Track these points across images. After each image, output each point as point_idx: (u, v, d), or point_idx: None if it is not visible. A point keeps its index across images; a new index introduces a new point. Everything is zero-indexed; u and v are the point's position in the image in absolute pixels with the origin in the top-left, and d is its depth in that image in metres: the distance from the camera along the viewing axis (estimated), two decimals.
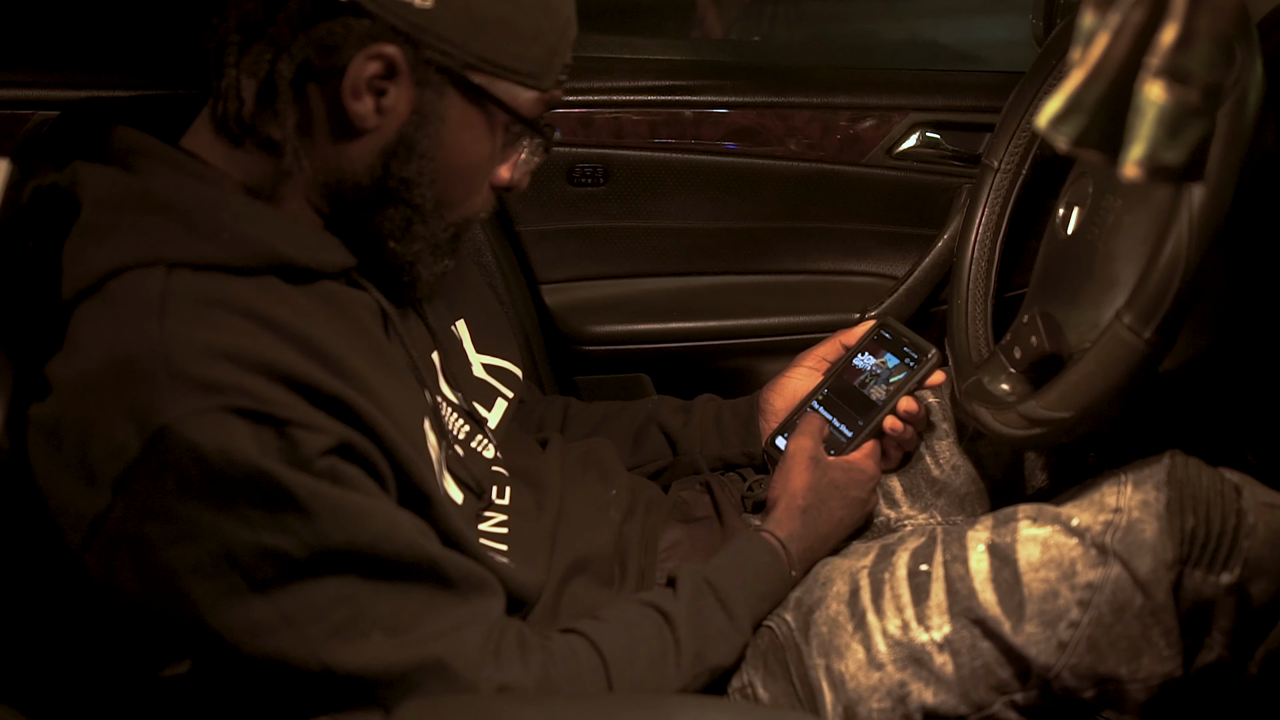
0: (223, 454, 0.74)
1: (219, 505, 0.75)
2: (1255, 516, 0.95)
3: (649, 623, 0.99)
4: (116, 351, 0.76)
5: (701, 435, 1.33)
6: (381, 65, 0.83)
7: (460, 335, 1.11)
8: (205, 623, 0.78)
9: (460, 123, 0.89)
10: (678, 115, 1.62)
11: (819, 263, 1.71)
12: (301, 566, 0.78)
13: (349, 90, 0.83)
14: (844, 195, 1.66)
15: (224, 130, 0.87)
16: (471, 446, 1.04)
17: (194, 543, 0.76)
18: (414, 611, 0.84)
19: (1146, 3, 0.64)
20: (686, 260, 1.69)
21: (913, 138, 1.64)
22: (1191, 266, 0.90)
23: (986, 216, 1.33)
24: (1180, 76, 0.64)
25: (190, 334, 0.76)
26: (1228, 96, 0.91)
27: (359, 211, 0.90)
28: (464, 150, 0.90)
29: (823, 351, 1.33)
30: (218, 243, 0.82)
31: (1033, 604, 0.96)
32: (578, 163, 1.61)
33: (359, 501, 0.80)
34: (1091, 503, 0.99)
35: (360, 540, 0.80)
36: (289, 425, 0.77)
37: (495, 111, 0.90)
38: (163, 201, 0.82)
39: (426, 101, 0.86)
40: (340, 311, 0.89)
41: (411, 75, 0.84)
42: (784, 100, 1.63)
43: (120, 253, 0.79)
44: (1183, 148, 0.66)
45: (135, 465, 0.74)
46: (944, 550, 1.03)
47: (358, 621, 0.80)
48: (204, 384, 0.75)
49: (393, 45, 0.83)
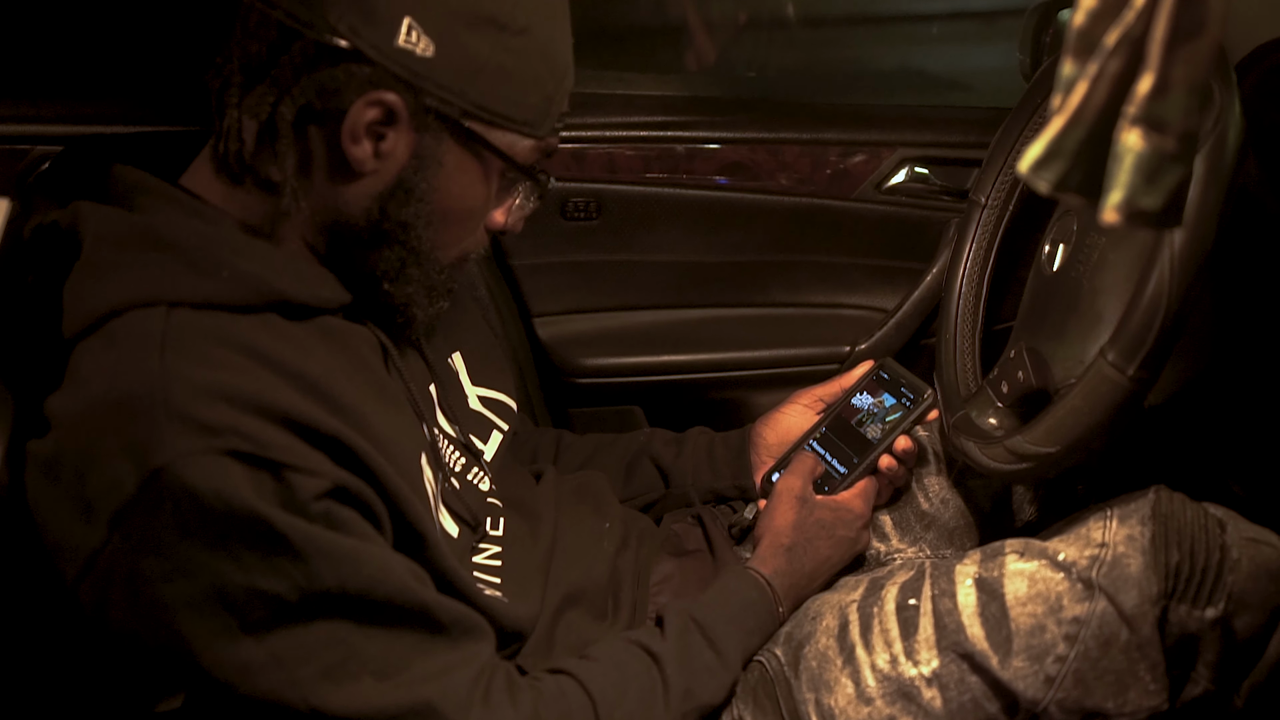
0: (218, 496, 0.75)
1: (213, 546, 0.76)
2: (1239, 551, 0.96)
3: (637, 662, 0.99)
4: (117, 389, 0.77)
5: (693, 467, 1.34)
6: (381, 111, 0.84)
7: (457, 368, 1.12)
8: (196, 660, 0.78)
9: (457, 168, 0.90)
10: (670, 150, 1.64)
11: (809, 296, 1.72)
12: (293, 609, 0.78)
13: (348, 134, 0.85)
14: (834, 229, 1.68)
15: (224, 169, 0.88)
16: (467, 479, 1.05)
17: (187, 581, 0.76)
18: (404, 654, 0.84)
19: (1123, 53, 0.66)
20: (678, 293, 1.71)
21: (901, 173, 1.66)
22: (1174, 304, 0.92)
23: (974, 252, 1.35)
24: (1156, 124, 0.66)
25: (190, 373, 0.77)
26: (1207, 137, 0.93)
27: (355, 252, 0.91)
28: (460, 194, 0.92)
29: (819, 391, 1.34)
30: (218, 281, 0.83)
31: (1020, 638, 0.97)
32: (571, 197, 1.63)
33: (353, 546, 0.81)
34: (1078, 537, 1.00)
35: (353, 584, 0.80)
36: (285, 468, 0.77)
37: (491, 158, 0.91)
38: (164, 239, 0.83)
39: (424, 147, 0.87)
40: (340, 346, 0.90)
41: (410, 121, 0.85)
42: (775, 136, 1.64)
43: (122, 291, 0.80)
44: (1160, 193, 0.67)
45: (131, 503, 0.75)
46: (932, 584, 1.04)
47: (348, 663, 0.81)
48: (202, 425, 0.75)
49: (393, 92, 0.84)
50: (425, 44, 0.83)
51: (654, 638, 1.02)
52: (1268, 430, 1.18)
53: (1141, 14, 0.65)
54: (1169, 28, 0.64)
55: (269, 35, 0.84)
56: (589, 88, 1.68)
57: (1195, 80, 0.64)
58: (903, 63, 3.21)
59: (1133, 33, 0.66)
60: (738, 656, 1.05)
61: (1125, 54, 0.66)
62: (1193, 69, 0.64)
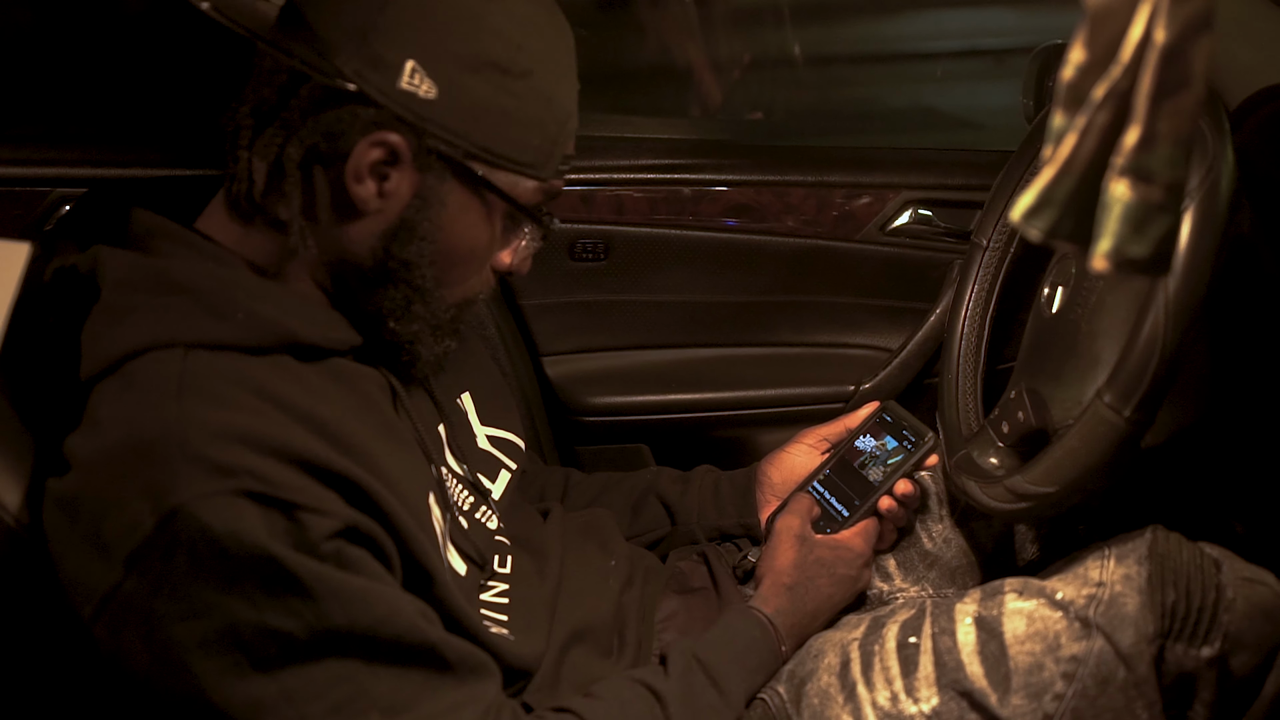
0: (232, 536, 0.76)
1: (226, 585, 0.77)
2: (1234, 591, 0.97)
3: (641, 701, 1.00)
4: (135, 431, 0.79)
5: (699, 505, 1.36)
6: (385, 151, 0.87)
7: (465, 408, 1.14)
8: (208, 698, 0.79)
9: (460, 208, 0.92)
10: (677, 192, 1.67)
11: (815, 335, 1.74)
12: (304, 647, 0.80)
13: (352, 174, 0.87)
14: (839, 270, 1.70)
15: (235, 209, 0.91)
16: (475, 517, 1.06)
17: (200, 620, 0.78)
18: (412, 693, 0.85)
19: (1110, 106, 0.68)
20: (685, 333, 1.73)
21: (905, 214, 1.68)
22: (1169, 347, 0.94)
23: (976, 293, 1.37)
24: (1143, 176, 0.68)
25: (206, 416, 0.79)
26: (1201, 185, 0.95)
27: (361, 290, 0.93)
28: (463, 234, 0.94)
29: (824, 431, 1.36)
30: (233, 323, 0.85)
31: (1018, 676, 0.98)
32: (579, 238, 1.65)
33: (362, 585, 0.82)
34: (1076, 576, 1.02)
35: (362, 623, 0.82)
36: (298, 509, 0.79)
37: (494, 199, 0.93)
38: (179, 283, 0.85)
39: (428, 187, 0.89)
40: (350, 388, 0.92)
41: (414, 162, 0.88)
42: (780, 179, 1.67)
43: (139, 334, 0.82)
44: (1148, 242, 0.69)
45: (148, 543, 0.76)
46: (932, 623, 1.05)
47: (356, 701, 0.82)
48: (218, 467, 0.77)
49: (396, 133, 0.86)
50: (428, 86, 0.86)
51: (658, 676, 1.03)
52: (1263, 473, 1.19)
53: (1128, 69, 0.67)
54: (1154, 83, 0.66)
55: (279, 80, 0.87)
56: (597, 131, 1.72)
57: (1181, 133, 0.66)
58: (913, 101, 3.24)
59: (1119, 87, 0.68)
60: (741, 695, 1.06)
61: (1112, 107, 0.68)
62: (1178, 122, 0.66)
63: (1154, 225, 0.68)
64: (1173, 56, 0.66)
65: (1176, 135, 0.67)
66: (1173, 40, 0.66)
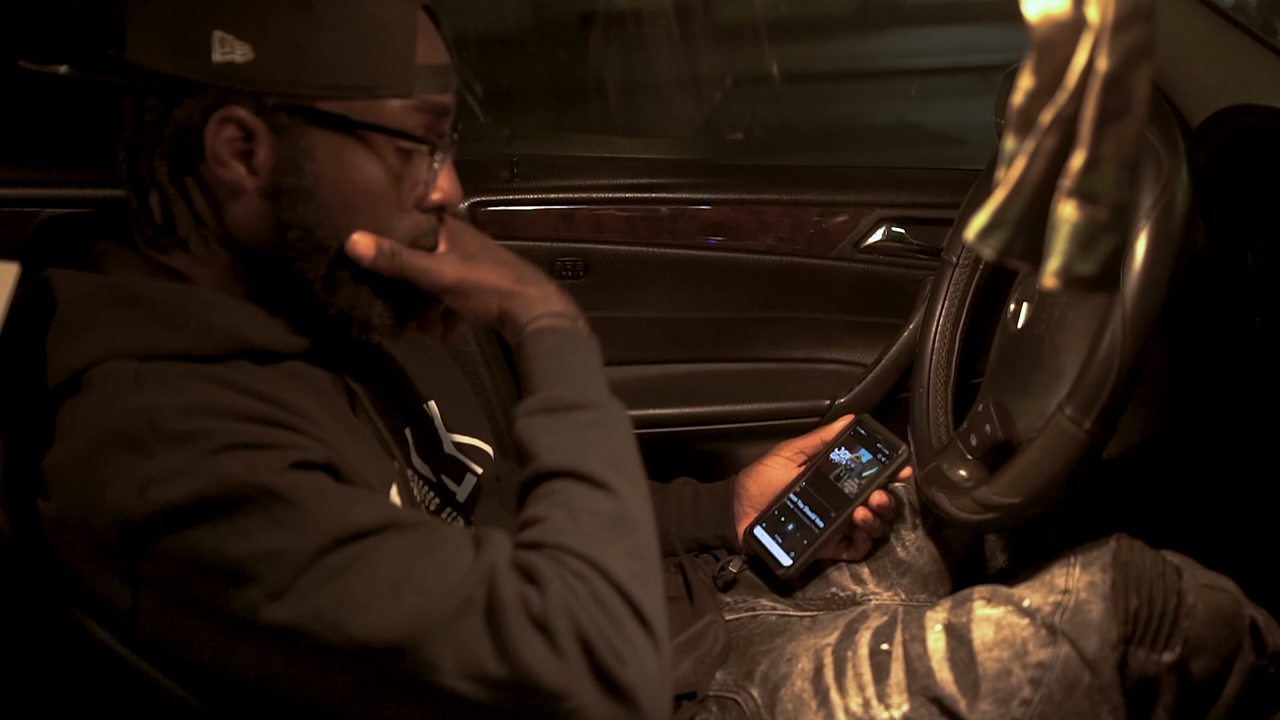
0: (210, 484, 0.77)
1: (218, 531, 0.78)
2: (1194, 597, 1.00)
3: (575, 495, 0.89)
4: (105, 427, 0.80)
5: (678, 516, 1.38)
6: (234, 127, 0.86)
7: (432, 414, 1.15)
8: (246, 645, 0.80)
9: (333, 155, 0.89)
10: (655, 211, 1.70)
11: (791, 351, 1.77)
12: (308, 556, 0.79)
13: (214, 161, 0.87)
14: (814, 287, 1.73)
15: (152, 245, 0.93)
16: (441, 518, 1.07)
17: (210, 576, 0.78)
18: (422, 554, 0.82)
19: (1057, 131, 0.72)
20: (664, 348, 1.76)
21: (879, 232, 1.71)
22: (1127, 360, 0.97)
23: (946, 309, 1.40)
24: (1089, 197, 0.71)
25: (169, 399, 0.81)
26: (1157, 203, 0.98)
27: (282, 274, 0.92)
28: (350, 179, 0.90)
29: (800, 444, 1.39)
30: (186, 332, 0.86)
31: (987, 682, 1.01)
32: (559, 256, 1.68)
33: (337, 487, 0.83)
34: (1042, 584, 1.05)
35: (354, 514, 0.81)
36: (266, 448, 0.80)
37: (365, 134, 0.89)
38: (134, 297, 0.87)
39: (289, 146, 0.88)
40: (308, 386, 0.93)
41: (266, 127, 0.87)
42: (757, 197, 1.70)
43: (95, 346, 0.84)
44: (1095, 260, 0.72)
45: (139, 526, 0.78)
46: (904, 630, 1.07)
47: (375, 584, 0.80)
48: (188, 435, 0.79)
49: (233, 106, 0.86)
50: (242, 49, 0.84)
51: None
52: (1222, 482, 1.23)
53: (1073, 95, 0.70)
54: (1098, 109, 0.69)
55: (130, 110, 0.89)
56: (576, 150, 1.75)
57: (1124, 157, 0.69)
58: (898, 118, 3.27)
59: (1065, 112, 0.71)
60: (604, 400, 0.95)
61: (1059, 132, 0.71)
62: (1121, 146, 0.69)
63: (1100, 244, 0.71)
64: (1115, 84, 0.69)
65: (1120, 158, 0.70)
66: (1115, 68, 0.69)
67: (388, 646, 0.78)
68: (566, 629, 0.78)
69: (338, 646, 0.79)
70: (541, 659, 0.77)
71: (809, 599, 1.31)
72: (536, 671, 0.77)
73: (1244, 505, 1.23)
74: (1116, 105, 0.70)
